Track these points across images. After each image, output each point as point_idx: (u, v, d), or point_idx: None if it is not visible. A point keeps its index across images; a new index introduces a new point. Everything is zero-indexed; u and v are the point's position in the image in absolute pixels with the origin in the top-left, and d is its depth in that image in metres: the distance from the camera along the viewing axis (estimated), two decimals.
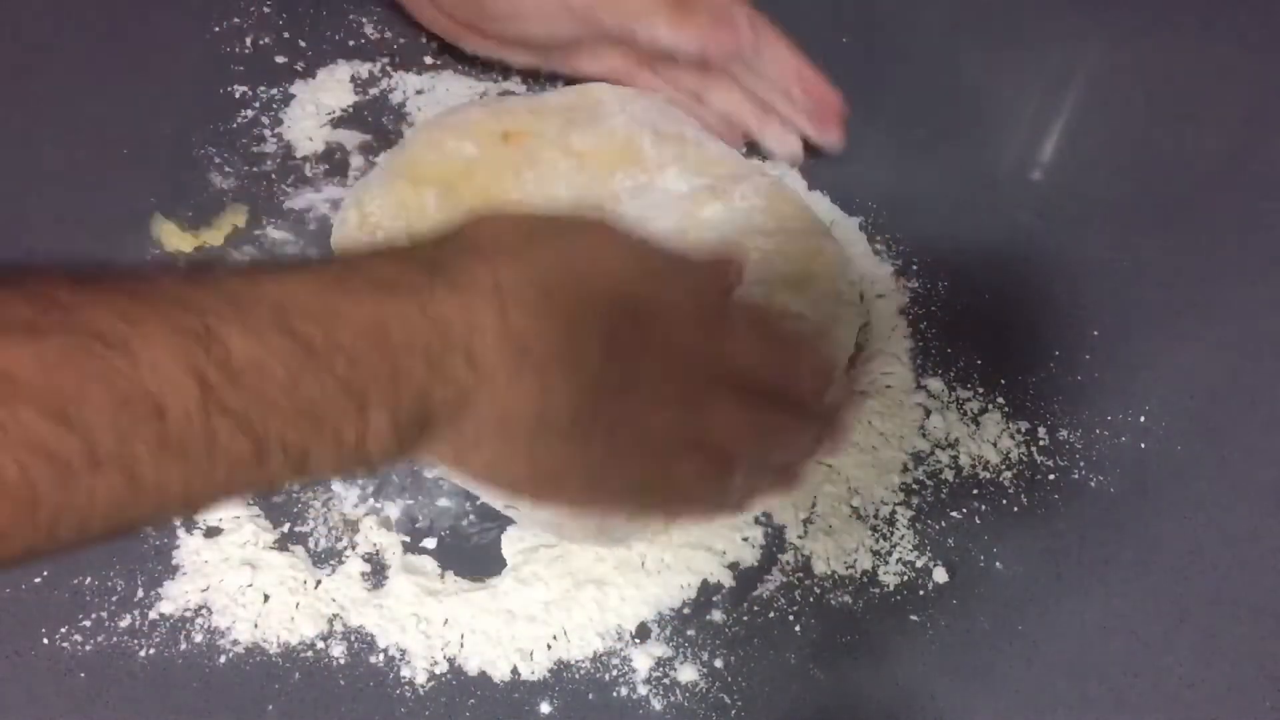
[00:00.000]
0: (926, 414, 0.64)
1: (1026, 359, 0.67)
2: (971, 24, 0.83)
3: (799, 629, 0.57)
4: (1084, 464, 0.63)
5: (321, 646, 0.55)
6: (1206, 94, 0.80)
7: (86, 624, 0.54)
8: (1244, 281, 0.71)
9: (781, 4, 0.82)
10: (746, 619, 0.57)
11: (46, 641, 0.54)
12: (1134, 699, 0.56)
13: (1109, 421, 0.65)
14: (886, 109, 0.77)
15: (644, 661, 0.55)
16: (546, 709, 0.54)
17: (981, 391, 0.65)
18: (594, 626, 0.56)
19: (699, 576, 0.58)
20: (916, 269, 0.69)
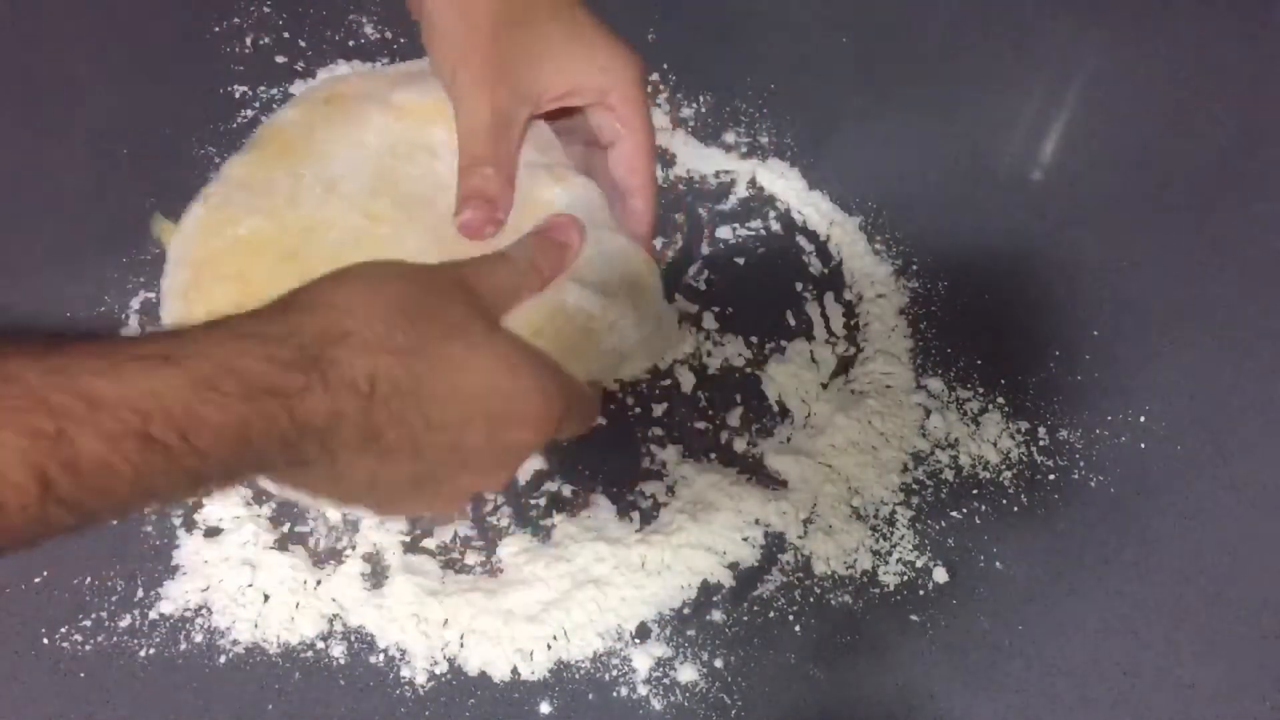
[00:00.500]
0: (926, 414, 0.64)
1: (1026, 359, 0.67)
2: (971, 24, 0.83)
3: (799, 629, 0.57)
4: (1084, 464, 0.63)
5: (321, 646, 0.55)
6: (1206, 94, 0.80)
7: (86, 624, 0.54)
8: (1244, 281, 0.71)
9: (782, 5, 0.82)
10: (746, 619, 0.57)
11: (46, 641, 0.54)
12: (1134, 699, 0.56)
13: (1109, 421, 0.65)
14: (886, 109, 0.77)
15: (644, 661, 0.55)
16: (546, 709, 0.54)
17: (981, 391, 0.65)
18: (594, 626, 0.56)
19: (699, 576, 0.58)
20: (916, 269, 0.70)
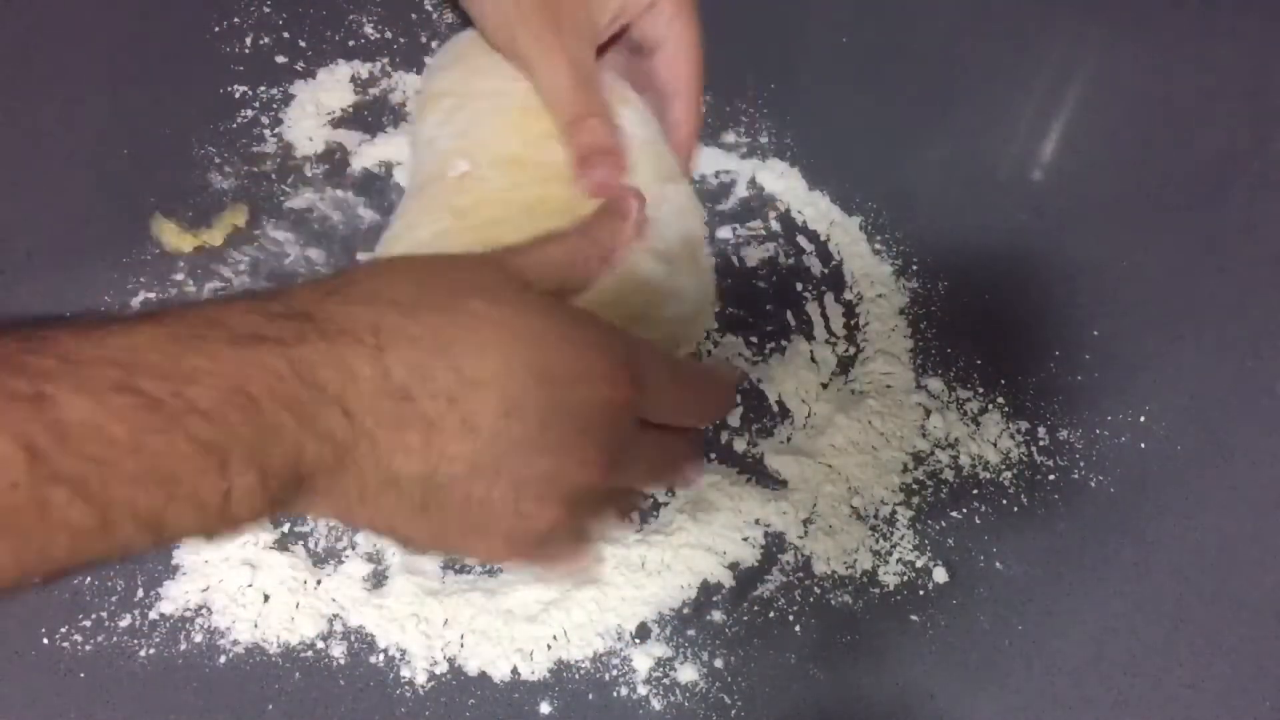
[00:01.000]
0: (926, 414, 0.64)
1: (1026, 359, 0.67)
2: (971, 24, 0.83)
3: (799, 629, 0.57)
4: (1084, 464, 0.63)
5: (321, 646, 0.55)
6: (1206, 94, 0.80)
7: (86, 624, 0.54)
8: (1244, 281, 0.71)
9: (782, 5, 0.82)
10: (746, 619, 0.57)
11: (46, 641, 0.54)
12: (1134, 699, 0.56)
13: (1109, 421, 0.65)
14: (886, 110, 0.77)
15: (644, 661, 0.55)
16: (546, 709, 0.54)
17: (981, 391, 0.65)
18: (594, 626, 0.56)
19: (699, 576, 0.58)
20: (916, 269, 0.69)
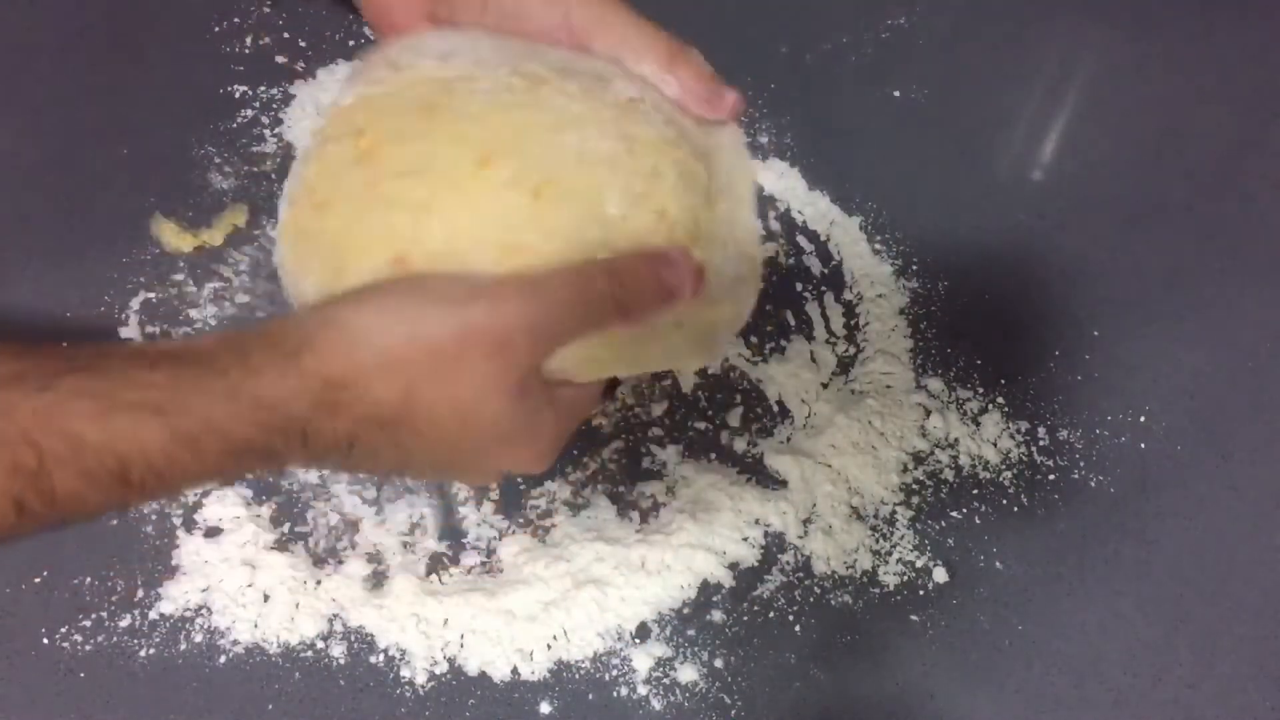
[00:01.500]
0: (926, 414, 0.64)
1: (1026, 359, 0.67)
2: (971, 24, 0.83)
3: (799, 629, 0.57)
4: (1084, 464, 0.63)
5: (321, 646, 0.55)
6: (1206, 94, 0.80)
7: (86, 624, 0.54)
8: (1244, 281, 0.71)
9: (782, 5, 0.82)
10: (746, 619, 0.57)
11: (46, 641, 0.54)
12: (1134, 699, 0.56)
13: (1109, 421, 0.65)
14: (886, 109, 0.77)
15: (644, 661, 0.55)
16: (546, 709, 0.54)
17: (981, 391, 0.65)
18: (594, 626, 0.56)
19: (699, 576, 0.58)
20: (916, 269, 0.70)
